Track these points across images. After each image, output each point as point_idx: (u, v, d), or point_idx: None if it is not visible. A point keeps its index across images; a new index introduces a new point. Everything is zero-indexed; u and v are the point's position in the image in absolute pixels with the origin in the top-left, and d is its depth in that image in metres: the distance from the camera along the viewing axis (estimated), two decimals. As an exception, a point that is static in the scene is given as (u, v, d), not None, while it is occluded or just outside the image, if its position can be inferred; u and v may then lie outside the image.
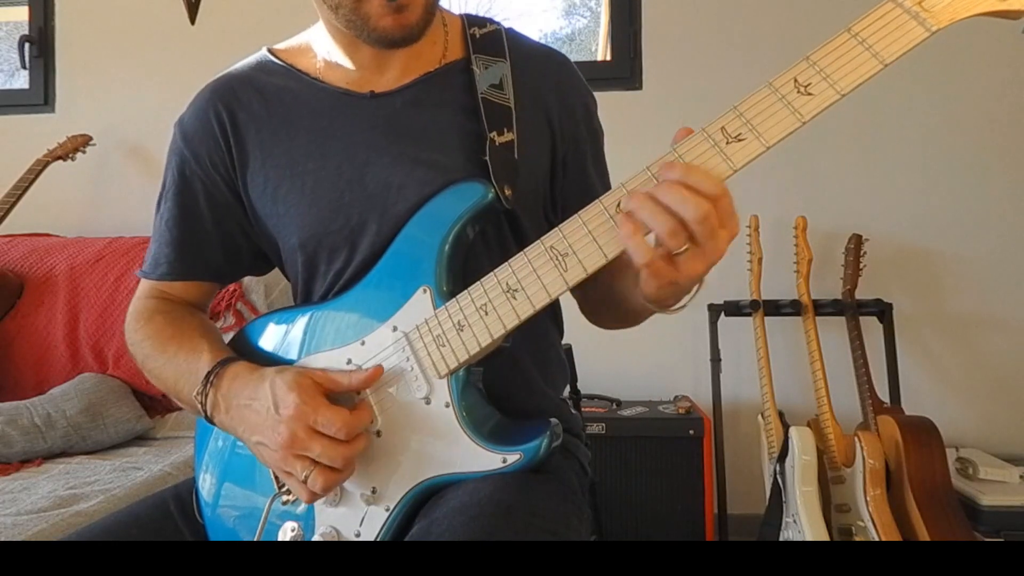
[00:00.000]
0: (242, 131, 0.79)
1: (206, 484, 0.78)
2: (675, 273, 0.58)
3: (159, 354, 0.78)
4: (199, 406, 0.72)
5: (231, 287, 1.71)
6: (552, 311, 0.86)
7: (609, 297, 0.77)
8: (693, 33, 2.04)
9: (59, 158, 2.02)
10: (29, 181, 1.95)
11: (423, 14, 0.71)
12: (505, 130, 0.75)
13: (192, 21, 2.16)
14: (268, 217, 0.79)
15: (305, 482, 0.63)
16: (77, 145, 2.05)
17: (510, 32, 0.82)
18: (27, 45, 2.19)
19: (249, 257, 0.86)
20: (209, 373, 0.71)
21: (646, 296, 0.64)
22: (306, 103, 0.79)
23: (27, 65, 2.21)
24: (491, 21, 0.83)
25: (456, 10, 0.85)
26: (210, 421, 0.73)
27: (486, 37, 0.80)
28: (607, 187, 0.86)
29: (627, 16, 2.07)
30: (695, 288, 0.63)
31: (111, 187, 2.20)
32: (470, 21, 0.82)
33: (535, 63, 0.81)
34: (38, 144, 2.03)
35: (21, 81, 2.26)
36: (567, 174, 0.82)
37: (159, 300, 0.84)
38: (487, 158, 0.72)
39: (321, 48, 0.81)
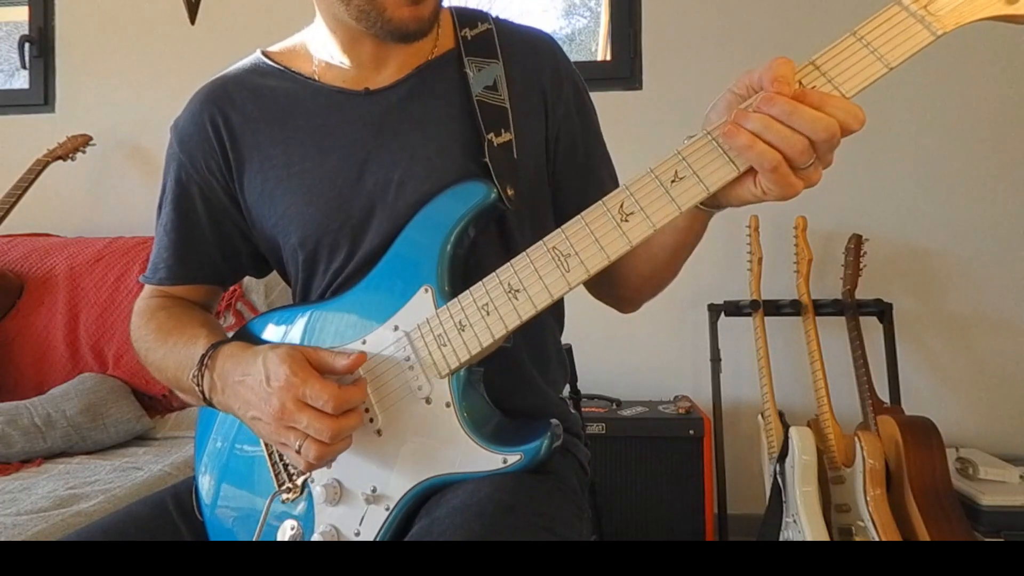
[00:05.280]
0: (237, 134, 0.79)
1: (206, 484, 0.79)
2: (797, 181, 0.55)
3: (160, 346, 0.79)
4: (196, 388, 0.72)
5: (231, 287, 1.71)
6: (554, 308, 0.86)
7: (646, 250, 0.71)
8: (693, 33, 2.04)
9: (59, 158, 2.02)
10: (29, 181, 1.95)
11: (435, 8, 0.72)
12: (503, 131, 0.75)
13: (192, 21, 2.16)
14: (267, 218, 0.79)
15: (299, 452, 0.64)
16: (77, 145, 2.05)
17: (500, 25, 0.82)
18: (27, 45, 2.19)
19: (248, 259, 0.87)
20: (204, 355, 0.72)
21: (742, 202, 0.60)
22: (301, 103, 0.79)
23: (27, 65, 2.21)
24: (481, 17, 0.82)
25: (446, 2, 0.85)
26: (209, 404, 0.73)
27: (478, 38, 0.80)
28: (607, 163, 0.86)
29: (627, 16, 2.07)
30: None
31: (111, 187, 2.20)
32: (460, 19, 0.82)
33: (526, 53, 0.81)
34: (38, 144, 2.03)
35: (21, 81, 2.26)
36: (559, 152, 0.82)
37: (162, 298, 0.85)
38: (487, 160, 0.72)
39: (317, 48, 0.81)
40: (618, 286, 0.82)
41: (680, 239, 0.69)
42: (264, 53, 0.84)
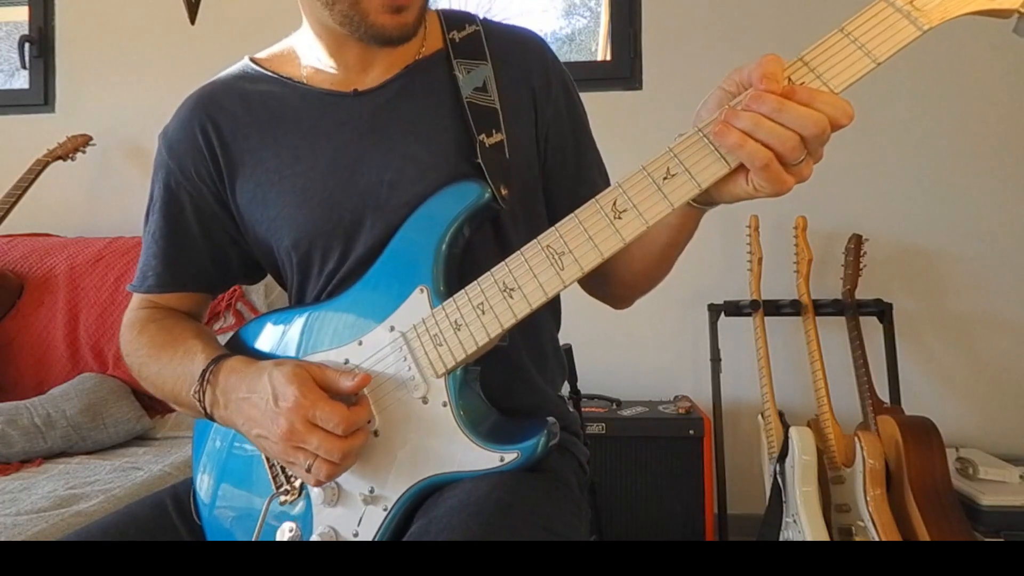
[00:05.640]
0: (228, 140, 0.79)
1: (204, 485, 0.79)
2: (789, 178, 0.55)
3: (154, 361, 0.78)
4: (198, 404, 0.72)
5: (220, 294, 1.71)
6: (551, 306, 0.86)
7: (641, 247, 0.72)
8: (693, 33, 2.04)
9: (59, 158, 2.02)
10: (29, 181, 1.95)
11: (419, 14, 0.72)
12: (494, 131, 0.75)
13: (192, 21, 2.16)
14: (259, 222, 0.79)
15: (309, 471, 0.64)
16: (77, 145, 2.05)
17: (488, 27, 0.82)
18: (27, 45, 2.19)
19: (239, 267, 0.86)
20: (205, 370, 0.72)
21: (734, 198, 0.60)
22: (291, 106, 0.79)
23: (27, 65, 2.21)
24: (468, 19, 0.82)
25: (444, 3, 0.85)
26: (210, 418, 0.73)
27: (466, 40, 0.80)
28: (598, 162, 0.86)
29: (627, 16, 2.07)
30: None
31: (111, 187, 2.20)
32: (448, 22, 0.82)
33: (515, 53, 0.81)
34: (38, 144, 2.03)
35: (21, 81, 2.26)
36: (549, 150, 0.82)
37: (151, 310, 0.84)
38: (480, 160, 0.73)
39: (305, 52, 0.81)
40: (611, 284, 0.82)
41: (673, 236, 0.69)
42: (252, 59, 0.84)
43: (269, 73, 0.81)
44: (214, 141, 0.79)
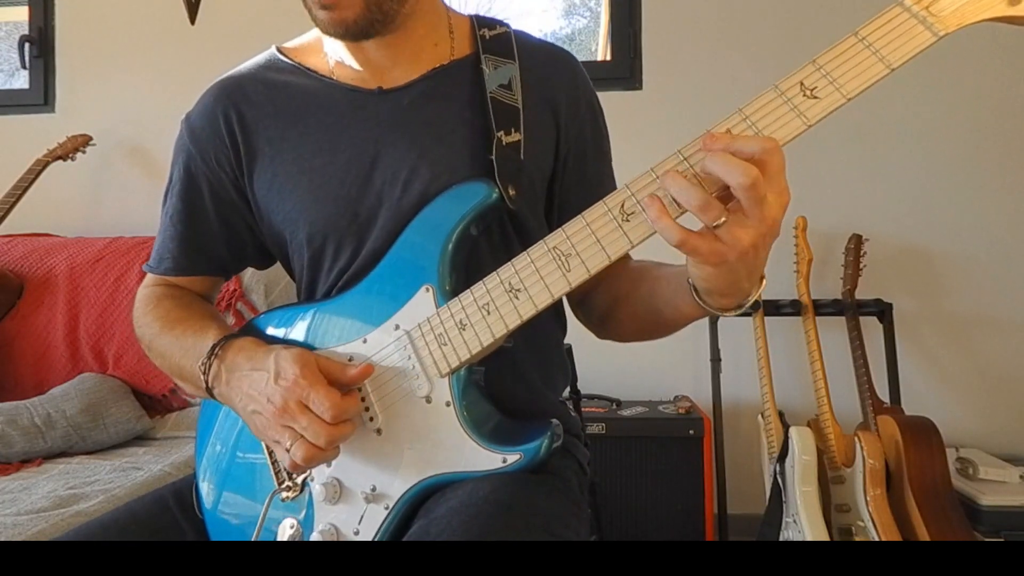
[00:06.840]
0: (250, 128, 0.79)
1: (206, 482, 0.79)
2: (719, 246, 0.55)
3: (167, 333, 0.79)
4: (201, 377, 0.73)
5: (231, 287, 1.72)
6: (555, 311, 0.86)
7: (648, 309, 0.74)
8: (693, 33, 2.04)
9: (59, 158, 2.02)
10: (29, 181, 1.95)
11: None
12: (512, 130, 0.75)
13: (192, 21, 2.16)
14: (275, 213, 0.79)
15: (289, 450, 0.65)
16: (77, 145, 2.05)
17: (518, 33, 0.83)
18: (27, 45, 2.19)
19: (253, 252, 0.87)
20: (215, 345, 0.73)
21: (700, 290, 0.62)
22: (315, 99, 0.79)
23: (27, 65, 2.21)
24: (500, 23, 0.83)
25: (462, 11, 0.86)
26: (209, 394, 0.73)
27: (495, 39, 0.81)
28: (611, 187, 0.86)
29: (627, 16, 2.07)
30: (755, 290, 0.62)
31: (111, 187, 2.20)
32: (479, 22, 0.83)
33: (543, 63, 0.81)
34: (38, 144, 2.03)
35: (21, 81, 2.26)
36: (567, 171, 0.82)
37: (167, 287, 0.86)
38: (493, 157, 0.73)
39: (330, 45, 0.81)
40: (607, 328, 0.83)
41: (673, 316, 0.71)
42: (279, 49, 0.84)
43: (295, 64, 0.82)
44: (236, 129, 0.79)
